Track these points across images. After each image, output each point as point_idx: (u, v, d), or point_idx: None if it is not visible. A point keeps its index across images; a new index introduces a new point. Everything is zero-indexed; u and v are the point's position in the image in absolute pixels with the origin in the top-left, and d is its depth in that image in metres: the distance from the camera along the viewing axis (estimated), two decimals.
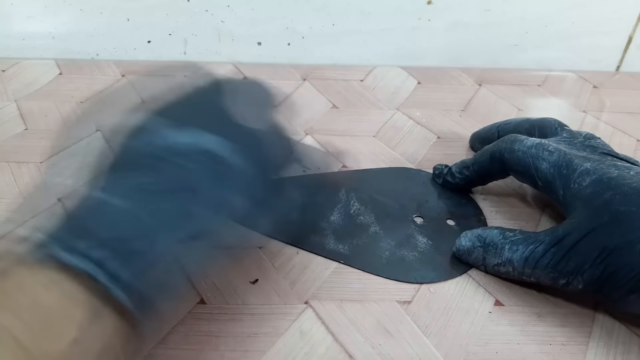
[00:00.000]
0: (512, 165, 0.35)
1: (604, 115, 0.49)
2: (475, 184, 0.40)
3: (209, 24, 0.53)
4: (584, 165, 0.33)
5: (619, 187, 0.30)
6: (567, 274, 0.30)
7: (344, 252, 0.35)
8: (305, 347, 0.30)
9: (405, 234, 0.37)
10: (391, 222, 0.37)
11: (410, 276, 0.34)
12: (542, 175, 0.34)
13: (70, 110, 0.47)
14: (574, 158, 0.33)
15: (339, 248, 0.36)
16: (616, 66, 0.55)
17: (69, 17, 0.52)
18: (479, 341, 0.31)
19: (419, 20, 0.53)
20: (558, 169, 0.33)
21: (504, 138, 0.36)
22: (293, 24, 0.53)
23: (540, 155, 0.34)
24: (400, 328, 0.31)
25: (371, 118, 0.48)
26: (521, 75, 0.53)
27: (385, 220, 0.38)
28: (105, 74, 0.52)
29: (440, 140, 0.45)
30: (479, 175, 0.38)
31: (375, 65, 0.54)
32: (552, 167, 0.33)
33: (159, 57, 0.54)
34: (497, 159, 0.36)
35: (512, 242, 0.32)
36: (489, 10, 0.52)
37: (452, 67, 0.54)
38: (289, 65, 0.54)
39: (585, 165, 0.32)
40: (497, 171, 0.37)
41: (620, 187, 0.30)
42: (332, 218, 0.37)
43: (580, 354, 0.30)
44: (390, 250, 0.36)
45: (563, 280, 0.30)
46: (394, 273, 0.34)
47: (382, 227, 0.37)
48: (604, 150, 0.35)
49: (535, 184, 0.35)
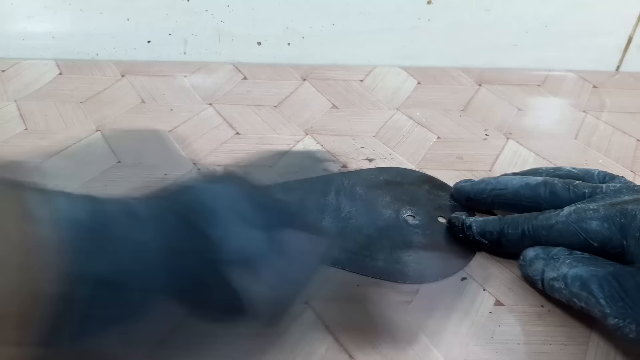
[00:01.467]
0: (555, 240, 0.32)
1: (604, 115, 0.49)
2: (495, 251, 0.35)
3: (209, 24, 0.53)
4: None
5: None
6: (621, 315, 0.27)
7: (339, 257, 0.34)
8: (305, 347, 0.30)
9: (399, 235, 0.36)
10: (384, 223, 0.37)
11: (408, 277, 0.34)
12: (596, 235, 0.31)
13: (70, 110, 0.47)
14: (626, 204, 0.31)
15: (333, 253, 0.35)
16: (616, 66, 0.55)
17: (69, 17, 0.52)
18: (479, 341, 0.31)
19: (419, 20, 0.53)
20: (612, 221, 0.30)
21: (532, 216, 0.33)
22: (293, 24, 0.53)
23: (584, 217, 0.31)
24: (400, 328, 0.31)
25: (371, 118, 0.48)
26: (521, 75, 0.53)
27: (377, 221, 0.37)
28: (105, 74, 0.52)
29: (440, 140, 0.45)
30: (503, 247, 0.34)
31: (375, 65, 0.54)
32: (605, 222, 0.30)
33: (158, 57, 0.54)
34: (530, 236, 0.32)
35: (574, 259, 0.30)
36: (489, 10, 0.52)
37: (452, 67, 0.54)
38: (288, 65, 0.54)
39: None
40: (529, 245, 0.33)
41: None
42: (323, 223, 0.37)
43: (580, 354, 0.30)
44: (385, 252, 0.35)
45: (614, 319, 0.28)
46: (392, 275, 0.34)
47: (375, 229, 0.36)
48: (634, 188, 0.33)
49: (590, 247, 0.31)
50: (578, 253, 0.31)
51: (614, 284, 0.28)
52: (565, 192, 0.34)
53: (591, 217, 0.31)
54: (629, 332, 0.27)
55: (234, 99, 0.50)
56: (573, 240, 0.31)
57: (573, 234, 0.31)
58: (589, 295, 0.28)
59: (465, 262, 0.35)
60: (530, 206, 0.34)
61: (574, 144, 0.45)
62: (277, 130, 0.46)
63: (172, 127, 0.46)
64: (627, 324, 0.27)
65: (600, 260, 0.30)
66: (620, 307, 0.27)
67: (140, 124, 0.46)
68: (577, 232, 0.31)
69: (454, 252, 0.35)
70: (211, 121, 0.47)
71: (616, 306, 0.28)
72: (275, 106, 0.49)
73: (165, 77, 0.52)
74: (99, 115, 0.47)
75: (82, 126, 0.46)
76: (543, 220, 0.32)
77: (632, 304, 0.27)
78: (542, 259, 0.31)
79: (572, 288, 0.29)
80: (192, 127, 0.46)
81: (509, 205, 0.35)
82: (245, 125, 0.46)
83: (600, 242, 0.31)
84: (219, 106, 0.49)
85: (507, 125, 0.47)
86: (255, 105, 0.49)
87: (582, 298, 0.29)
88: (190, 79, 0.52)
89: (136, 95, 0.50)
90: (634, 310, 0.27)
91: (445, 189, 0.40)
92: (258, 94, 0.50)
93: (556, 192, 0.34)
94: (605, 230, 0.30)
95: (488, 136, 0.46)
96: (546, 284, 0.31)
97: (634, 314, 0.27)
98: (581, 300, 0.29)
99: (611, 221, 0.30)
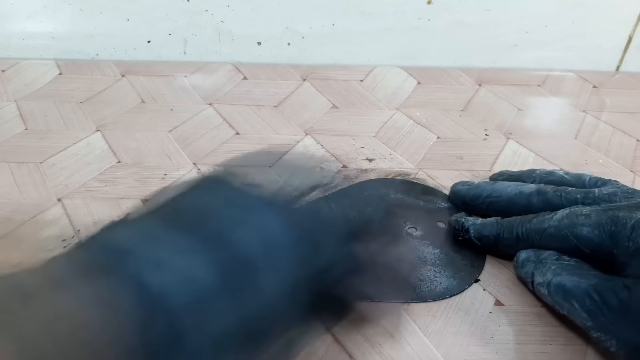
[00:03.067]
0: (547, 244, 0.32)
1: (603, 115, 0.49)
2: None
3: (208, 24, 0.53)
4: (633, 216, 0.29)
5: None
6: (602, 330, 0.27)
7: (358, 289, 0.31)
8: (305, 347, 0.30)
9: (410, 250, 0.35)
10: (390, 240, 0.35)
11: (438, 293, 0.33)
12: (586, 242, 0.30)
13: (70, 110, 0.47)
14: (618, 211, 0.30)
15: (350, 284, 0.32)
16: (616, 66, 0.55)
17: (68, 17, 0.52)
18: (479, 341, 0.31)
19: (419, 20, 0.53)
20: (602, 228, 0.30)
21: (527, 219, 0.33)
22: (293, 24, 0.53)
23: (576, 222, 0.31)
24: (400, 328, 0.31)
25: (371, 118, 0.48)
26: (521, 75, 0.53)
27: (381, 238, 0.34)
28: (105, 74, 0.52)
29: (440, 140, 0.45)
30: (500, 251, 0.35)
31: (375, 65, 0.54)
32: (596, 229, 0.30)
33: (158, 57, 0.54)
34: (524, 240, 0.33)
35: (560, 266, 0.30)
36: (489, 10, 0.52)
37: (452, 67, 0.54)
38: (288, 65, 0.54)
39: (636, 215, 0.29)
40: (524, 248, 0.33)
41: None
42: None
43: (580, 354, 0.30)
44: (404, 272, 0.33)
45: (596, 333, 0.28)
46: (421, 296, 0.33)
47: (382, 247, 0.33)
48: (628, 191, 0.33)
49: (581, 253, 0.31)
50: (565, 258, 0.31)
51: (596, 299, 0.28)
52: (558, 199, 0.34)
53: (582, 223, 0.31)
54: (610, 346, 0.27)
55: (234, 99, 0.50)
56: (565, 245, 0.31)
57: (565, 239, 0.31)
58: (571, 306, 0.29)
59: (481, 264, 0.35)
60: (524, 214, 0.35)
61: (574, 144, 0.45)
62: (277, 130, 0.46)
63: (172, 127, 0.46)
64: (609, 339, 0.27)
65: (585, 268, 0.30)
66: (602, 322, 0.27)
67: (140, 124, 0.46)
68: (568, 237, 0.31)
69: (466, 257, 0.35)
70: (211, 121, 0.47)
71: (598, 321, 0.27)
72: (275, 106, 0.49)
73: (165, 77, 0.52)
74: (99, 115, 0.47)
75: (82, 126, 0.46)
76: (536, 224, 0.32)
77: (614, 320, 0.27)
78: (533, 262, 0.32)
79: (554, 297, 0.30)
80: (192, 127, 0.46)
81: (504, 213, 0.35)
82: (245, 125, 0.46)
83: (590, 248, 0.31)
84: (219, 106, 0.49)
85: (507, 125, 0.47)
86: (255, 105, 0.49)
87: (564, 307, 0.29)
88: (190, 79, 0.52)
89: (136, 95, 0.50)
90: (614, 327, 0.27)
91: (432, 192, 0.40)
92: (258, 94, 0.50)
93: (549, 200, 0.34)
94: (596, 237, 0.30)
95: (488, 136, 0.46)
96: (535, 287, 0.31)
97: (615, 331, 0.27)
98: (563, 309, 0.29)
99: (602, 228, 0.30)
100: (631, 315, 0.26)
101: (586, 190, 0.34)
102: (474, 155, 0.44)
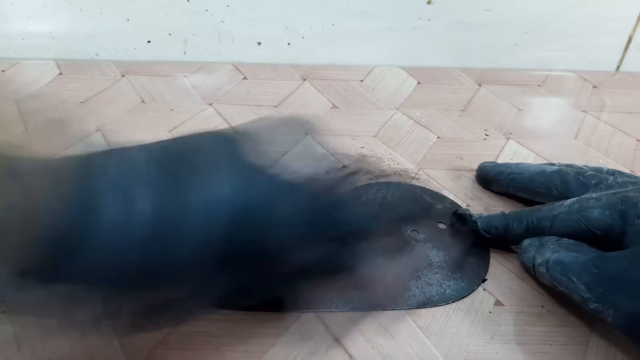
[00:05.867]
0: (559, 230, 0.32)
1: (604, 115, 0.49)
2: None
3: (208, 24, 0.53)
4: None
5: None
6: (600, 300, 0.28)
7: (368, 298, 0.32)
8: (305, 347, 0.30)
9: (416, 254, 0.35)
10: (395, 246, 0.35)
11: (449, 296, 0.33)
12: (597, 223, 0.31)
13: (70, 110, 0.47)
14: (628, 192, 0.31)
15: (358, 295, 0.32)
16: (616, 66, 0.55)
17: (68, 17, 0.52)
18: (479, 341, 0.31)
19: (419, 20, 0.53)
20: (614, 208, 0.30)
21: (536, 209, 0.33)
22: (293, 24, 0.53)
23: (586, 206, 0.31)
24: (400, 328, 0.31)
25: (371, 118, 0.48)
26: (521, 75, 0.53)
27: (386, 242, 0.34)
28: (105, 74, 0.52)
29: (440, 140, 0.45)
30: (509, 242, 0.35)
31: (375, 65, 0.54)
32: (607, 209, 0.31)
33: (159, 57, 0.54)
34: (534, 228, 0.33)
35: (559, 244, 0.30)
36: (489, 10, 0.52)
37: (452, 67, 0.54)
38: (288, 65, 0.54)
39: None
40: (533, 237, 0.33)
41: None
42: None
43: (580, 354, 0.30)
44: (414, 278, 0.33)
45: (593, 304, 0.28)
46: (433, 300, 0.32)
47: (387, 253, 0.32)
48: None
49: (594, 237, 0.31)
50: (565, 240, 0.31)
51: (594, 271, 0.28)
52: (576, 181, 0.35)
53: (593, 206, 0.31)
54: (607, 316, 0.28)
55: (234, 99, 0.50)
56: (576, 229, 0.31)
57: (576, 223, 0.31)
58: (569, 280, 0.29)
59: (486, 262, 0.35)
60: (541, 192, 0.36)
61: (574, 144, 0.45)
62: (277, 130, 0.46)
63: (172, 127, 0.46)
64: (606, 309, 0.28)
65: (584, 246, 0.31)
66: (599, 292, 0.28)
67: (140, 124, 0.46)
68: (579, 221, 0.31)
69: (471, 256, 0.35)
70: (211, 121, 0.47)
71: (596, 292, 0.28)
72: (275, 106, 0.49)
73: (165, 77, 0.52)
74: (99, 115, 0.47)
75: (82, 126, 0.46)
76: (546, 212, 0.33)
77: (612, 289, 0.27)
78: (535, 247, 0.32)
79: (553, 273, 0.30)
80: (192, 127, 0.46)
81: (522, 189, 0.36)
82: None
83: (602, 230, 0.31)
84: (219, 106, 0.49)
85: (507, 125, 0.47)
86: (255, 105, 0.49)
87: (562, 283, 0.29)
88: (190, 79, 0.52)
89: (136, 95, 0.50)
90: (612, 295, 0.27)
91: (429, 193, 0.39)
92: (258, 94, 0.50)
93: (568, 181, 0.35)
94: (607, 218, 0.31)
95: (488, 136, 0.46)
96: (536, 269, 0.32)
97: (613, 300, 0.27)
98: (561, 285, 0.30)
99: (612, 209, 0.31)
100: (629, 283, 0.27)
101: (603, 177, 0.35)
102: (474, 155, 0.44)
